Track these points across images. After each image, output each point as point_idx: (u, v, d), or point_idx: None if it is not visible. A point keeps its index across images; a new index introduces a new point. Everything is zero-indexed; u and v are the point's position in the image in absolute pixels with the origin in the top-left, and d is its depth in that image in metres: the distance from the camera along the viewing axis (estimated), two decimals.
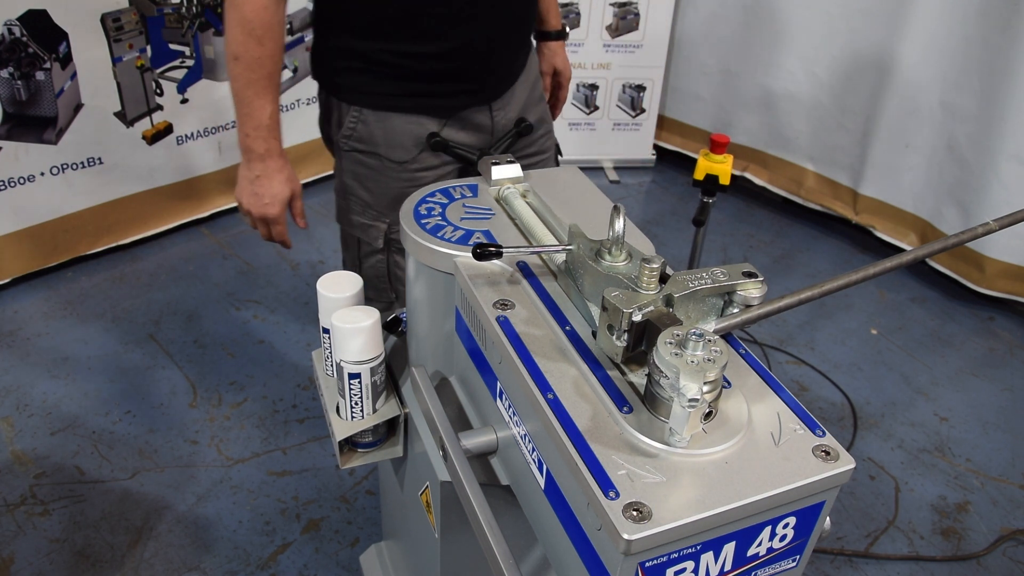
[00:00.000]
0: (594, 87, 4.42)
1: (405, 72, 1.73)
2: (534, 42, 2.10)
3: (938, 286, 3.68)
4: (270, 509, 2.41)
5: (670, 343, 0.89)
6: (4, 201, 3.11)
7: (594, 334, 1.06)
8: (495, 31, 1.76)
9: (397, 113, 1.77)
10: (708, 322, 1.02)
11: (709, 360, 0.88)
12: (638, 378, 0.98)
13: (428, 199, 1.37)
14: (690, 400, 0.84)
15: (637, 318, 0.95)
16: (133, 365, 2.92)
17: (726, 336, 1.06)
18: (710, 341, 0.89)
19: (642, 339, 0.98)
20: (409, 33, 1.68)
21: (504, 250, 1.13)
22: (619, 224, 1.06)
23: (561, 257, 1.16)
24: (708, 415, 0.88)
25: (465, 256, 1.22)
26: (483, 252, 1.12)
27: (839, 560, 2.38)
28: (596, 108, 4.49)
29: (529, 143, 1.98)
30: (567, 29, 2.12)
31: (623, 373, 0.99)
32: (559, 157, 2.13)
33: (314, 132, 3.97)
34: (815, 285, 1.05)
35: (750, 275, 1.03)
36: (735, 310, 1.03)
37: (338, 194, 1.93)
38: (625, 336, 0.97)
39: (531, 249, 1.15)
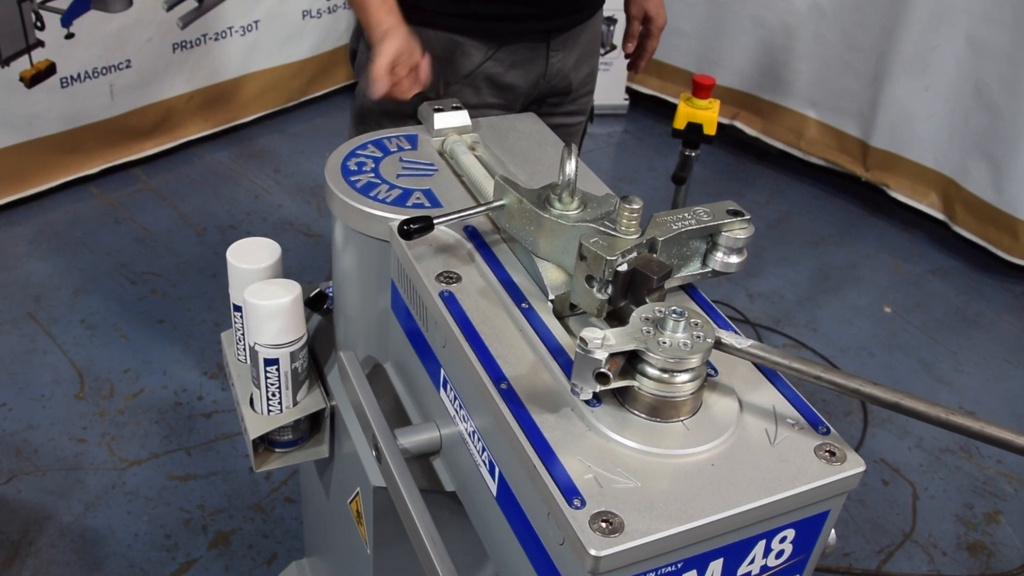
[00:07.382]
0: None
1: None
2: None
3: (963, 255, 3.71)
4: (171, 520, 2.40)
5: (658, 312, 0.90)
6: None
7: (553, 303, 1.06)
8: None
9: (438, 31, 1.76)
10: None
11: (686, 344, 0.88)
12: None
13: (358, 152, 1.36)
14: (580, 338, 0.86)
15: (622, 267, 0.96)
16: (9, 349, 2.89)
17: (709, 311, 1.07)
18: (695, 323, 0.89)
19: (627, 291, 0.99)
20: None
21: (435, 221, 1.12)
22: (570, 166, 1.06)
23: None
24: (603, 377, 0.88)
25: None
26: (408, 230, 1.11)
27: None
28: None
29: (570, 100, 1.99)
30: None
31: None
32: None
33: (242, 69, 3.97)
34: (960, 413, 0.86)
35: (735, 213, 1.05)
36: (719, 255, 1.06)
37: (354, 118, 1.91)
38: (608, 288, 0.97)
39: (454, 216, 1.14)
